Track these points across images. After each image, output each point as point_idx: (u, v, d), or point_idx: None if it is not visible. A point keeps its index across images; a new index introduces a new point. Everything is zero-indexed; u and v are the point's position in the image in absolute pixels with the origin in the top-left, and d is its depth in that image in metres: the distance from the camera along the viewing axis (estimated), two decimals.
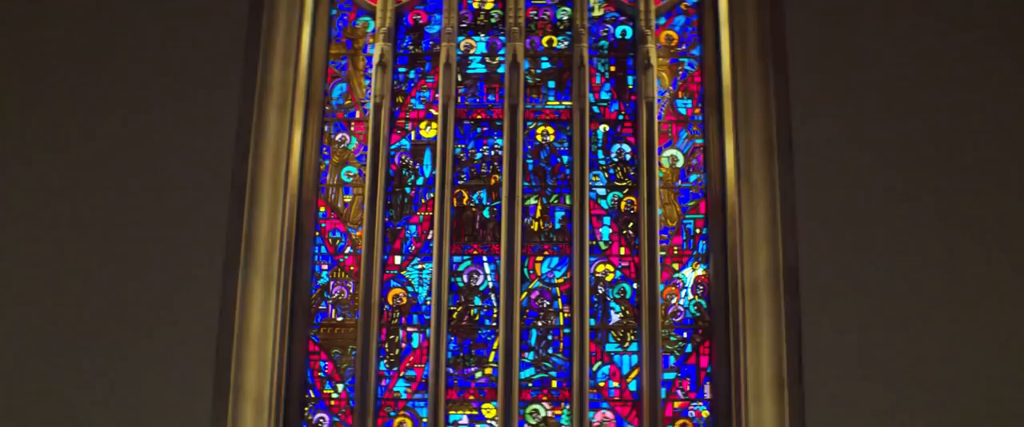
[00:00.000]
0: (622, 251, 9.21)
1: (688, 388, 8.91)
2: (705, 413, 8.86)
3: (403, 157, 9.45)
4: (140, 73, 8.75)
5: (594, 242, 9.19)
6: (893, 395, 8.04)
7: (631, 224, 9.25)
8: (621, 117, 9.54)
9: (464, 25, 9.78)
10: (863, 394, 8.05)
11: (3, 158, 8.58)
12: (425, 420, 8.74)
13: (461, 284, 9.13)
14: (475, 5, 9.85)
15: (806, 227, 8.34)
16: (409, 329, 9.07)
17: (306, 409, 8.90)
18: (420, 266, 9.18)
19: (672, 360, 8.96)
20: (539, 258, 9.19)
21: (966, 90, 8.67)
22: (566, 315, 9.06)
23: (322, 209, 9.32)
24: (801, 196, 8.45)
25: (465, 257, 9.20)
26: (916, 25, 8.83)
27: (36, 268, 8.28)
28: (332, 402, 8.91)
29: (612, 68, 9.70)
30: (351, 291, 9.12)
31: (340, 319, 9.08)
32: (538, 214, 9.28)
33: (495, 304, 9.07)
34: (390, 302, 9.11)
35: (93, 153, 8.55)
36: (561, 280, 9.14)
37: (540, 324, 9.05)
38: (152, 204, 8.42)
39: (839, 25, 8.86)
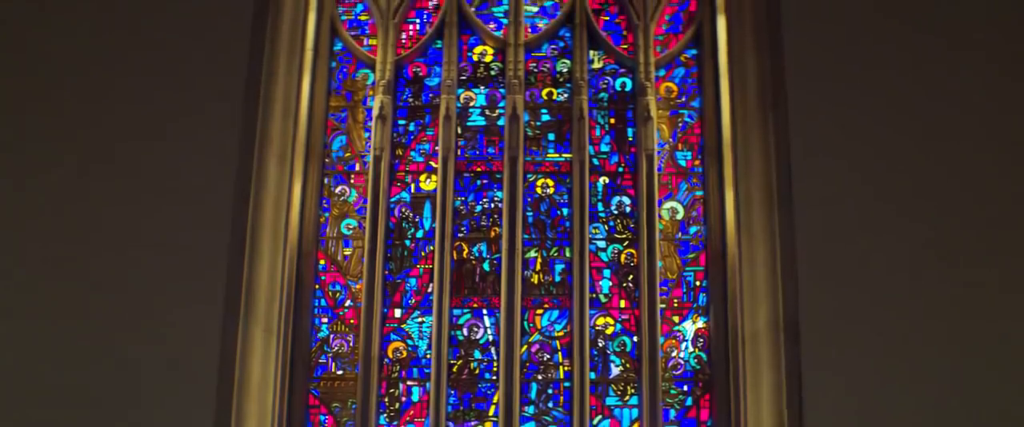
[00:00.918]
0: (622, 304, 9.29)
1: None
2: None
3: (403, 210, 9.55)
4: (140, 123, 8.80)
5: (594, 295, 9.27)
6: None
7: (631, 276, 9.34)
8: (621, 169, 9.65)
9: (464, 77, 9.90)
10: None
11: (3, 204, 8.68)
12: None
13: (461, 337, 9.21)
14: (475, 58, 9.98)
15: (807, 279, 8.38)
16: (409, 383, 9.14)
17: None
18: (420, 319, 9.26)
19: (672, 413, 9.03)
20: (539, 311, 9.27)
21: (969, 140, 8.72)
22: (566, 368, 9.12)
23: (322, 262, 9.41)
24: (801, 248, 8.48)
25: (465, 310, 9.28)
26: (916, 76, 8.89)
27: (36, 319, 8.32)
28: None
29: (612, 120, 9.81)
30: (351, 344, 9.20)
31: (340, 372, 9.15)
32: (538, 267, 9.37)
33: (495, 357, 9.14)
34: (390, 355, 9.19)
35: (93, 202, 8.59)
36: (561, 333, 9.22)
37: (540, 377, 9.12)
38: (152, 255, 8.46)
39: (839, 77, 8.91)
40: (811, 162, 8.68)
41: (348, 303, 9.31)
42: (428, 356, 9.13)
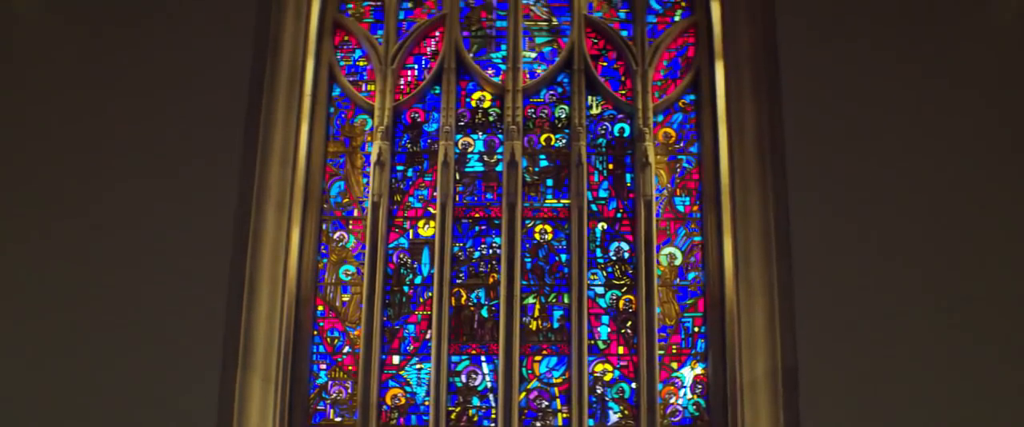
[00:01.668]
0: (620, 350, 9.36)
1: None
2: None
3: (401, 256, 9.62)
4: (139, 170, 8.88)
5: (593, 341, 9.34)
6: None
7: (630, 323, 9.41)
8: (619, 215, 9.73)
9: (462, 123, 9.99)
10: None
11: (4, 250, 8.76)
12: None
13: (459, 384, 9.28)
14: (473, 103, 10.07)
15: (805, 327, 8.46)
16: None
17: None
18: (418, 366, 9.33)
19: None
20: (537, 357, 9.34)
21: (970, 187, 8.80)
22: (565, 415, 9.19)
23: (320, 308, 9.48)
24: (800, 296, 8.56)
25: (463, 356, 9.35)
26: (916, 124, 8.99)
27: (36, 371, 8.40)
28: None
29: (610, 166, 9.90)
30: (349, 391, 9.26)
31: (338, 419, 9.21)
32: (536, 313, 9.45)
33: (494, 404, 9.21)
34: (388, 402, 9.25)
35: (91, 249, 8.67)
36: (560, 380, 9.29)
37: (539, 424, 9.19)
38: (151, 302, 8.53)
39: (837, 123, 9.00)
40: (809, 211, 8.76)
41: (346, 349, 9.38)
42: (426, 403, 9.18)
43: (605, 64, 10.18)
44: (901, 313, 8.49)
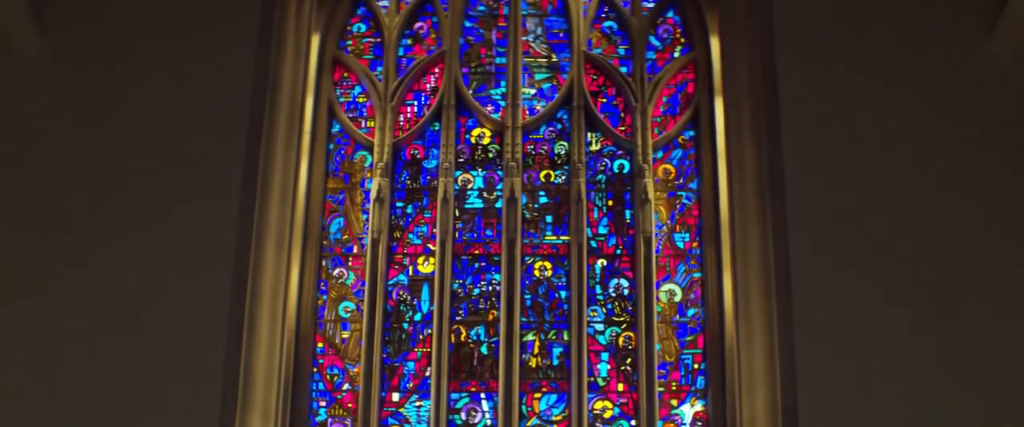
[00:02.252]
0: (620, 387, 9.41)
1: None
2: None
3: (401, 292, 9.69)
4: (139, 207, 8.91)
5: (592, 378, 9.39)
6: None
7: (629, 360, 9.47)
8: (619, 251, 9.80)
9: (461, 160, 10.07)
10: None
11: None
12: None
13: (459, 422, 9.32)
14: (472, 140, 10.16)
15: (804, 366, 8.46)
16: None
17: None
18: (418, 403, 9.37)
19: None
20: (537, 395, 9.39)
21: (970, 226, 8.83)
22: None
23: (320, 345, 9.55)
24: (800, 333, 8.57)
25: (463, 394, 9.40)
26: (916, 161, 9.02)
27: (36, 409, 8.41)
28: None
29: (610, 202, 9.97)
30: None
31: None
32: (536, 350, 9.50)
33: None
34: None
35: (91, 285, 8.69)
36: (559, 417, 9.33)
37: None
38: (151, 339, 8.55)
39: (837, 160, 9.03)
40: (809, 247, 8.77)
41: (346, 387, 9.43)
42: None
43: (604, 100, 10.27)
44: (901, 350, 8.51)
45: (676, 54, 10.39)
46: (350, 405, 9.35)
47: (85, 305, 8.66)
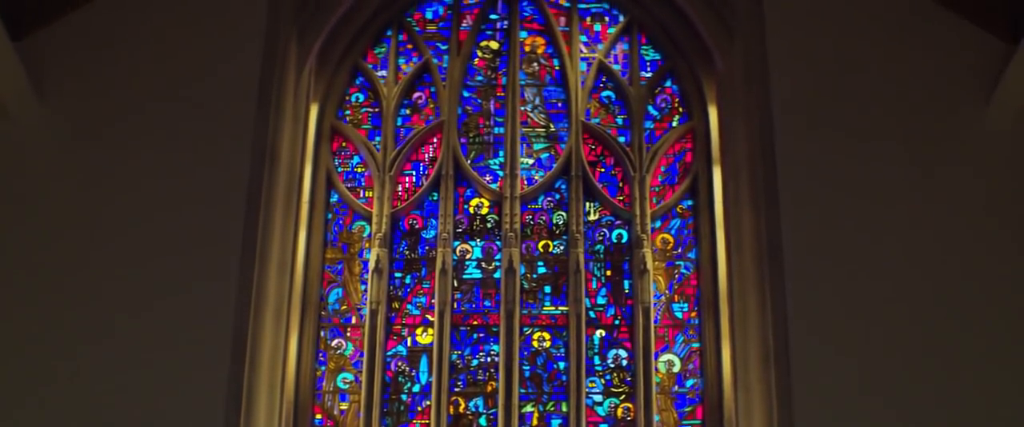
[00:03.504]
0: None
1: None
2: None
3: (399, 363, 9.80)
4: (139, 282, 9.01)
5: None
6: None
7: None
8: (617, 322, 9.92)
9: (460, 230, 10.20)
10: None
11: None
12: None
13: None
14: (471, 210, 10.29)
15: None
16: None
17: None
18: None
19: None
20: None
21: (971, 292, 8.94)
22: None
23: (318, 416, 9.65)
24: (798, 403, 8.65)
25: None
26: (915, 228, 9.14)
27: None
28: None
29: (608, 272, 10.09)
30: None
31: None
32: (535, 422, 9.61)
33: None
34: None
35: (93, 356, 8.79)
36: None
37: None
38: (151, 411, 8.66)
39: (835, 228, 9.13)
40: (808, 316, 8.88)
41: None
42: None
43: (603, 170, 10.42)
44: (902, 421, 8.61)
45: (674, 123, 10.55)
46: None
47: (85, 375, 8.76)
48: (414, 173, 10.43)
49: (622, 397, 9.68)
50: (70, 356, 8.82)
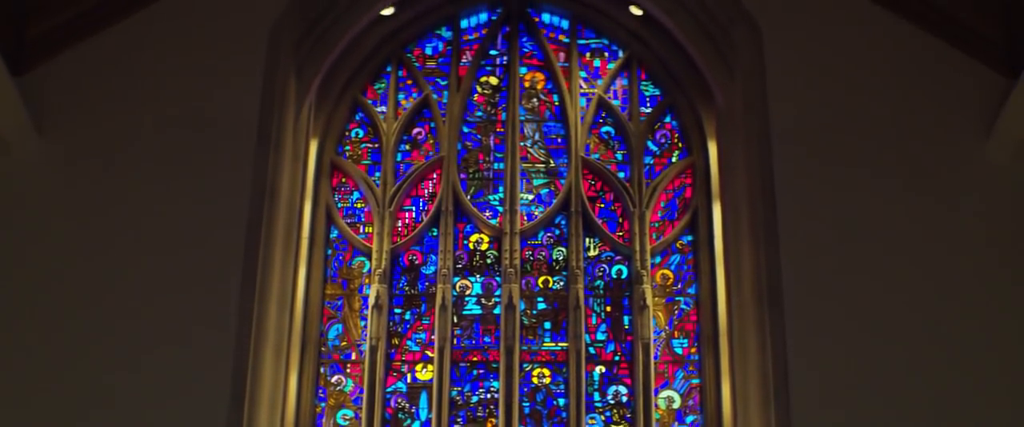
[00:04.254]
0: None
1: None
2: None
3: (399, 400, 9.85)
4: (137, 313, 9.06)
5: None
6: None
7: None
8: (617, 358, 9.97)
9: (460, 266, 10.26)
10: None
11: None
12: None
13: None
14: (470, 246, 10.35)
15: None
16: None
17: None
18: None
19: None
20: None
21: (972, 328, 8.98)
22: None
23: None
24: None
25: None
26: (915, 264, 9.18)
27: None
28: None
29: (608, 308, 10.15)
30: None
31: None
32: None
33: None
34: None
35: (91, 392, 8.83)
36: None
37: None
38: None
39: (835, 264, 9.18)
40: (808, 353, 8.92)
41: None
42: None
43: (602, 205, 10.49)
44: None
45: (674, 159, 10.62)
46: None
47: (85, 412, 8.82)
48: (414, 209, 10.49)
49: None
50: (69, 393, 8.84)
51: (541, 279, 10.25)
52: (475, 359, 9.98)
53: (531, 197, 10.51)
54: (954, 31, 9.79)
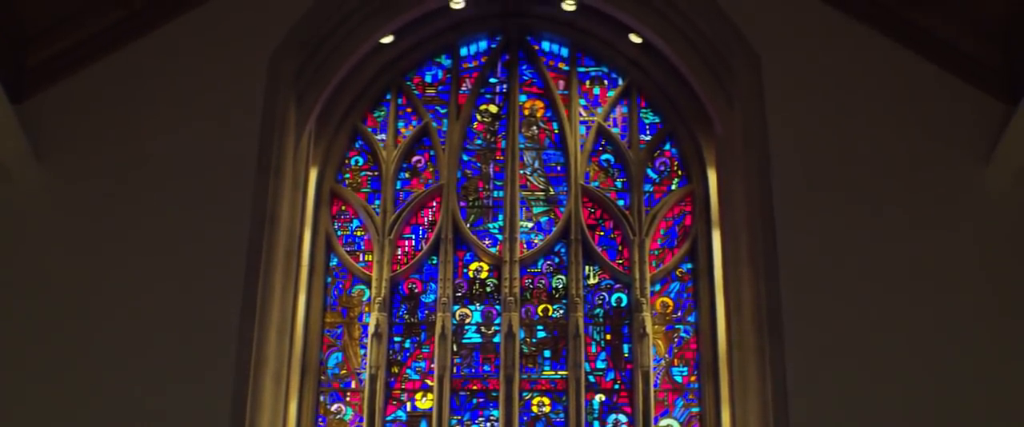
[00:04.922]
0: None
1: None
2: None
3: None
4: (137, 339, 9.09)
5: None
6: None
7: None
8: (617, 386, 10.00)
9: (459, 294, 10.30)
10: None
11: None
12: None
13: None
14: (470, 274, 10.39)
15: None
16: None
17: None
18: None
19: None
20: None
21: (973, 356, 8.99)
22: None
23: None
24: None
25: None
26: (914, 291, 9.20)
27: None
28: None
29: (608, 336, 10.18)
30: None
31: None
32: None
33: None
34: None
35: (90, 417, 8.86)
36: None
37: None
38: None
39: (835, 292, 9.20)
40: (808, 381, 8.93)
41: None
42: None
43: (602, 233, 10.53)
44: None
45: (673, 187, 10.68)
46: None
47: None
48: (413, 237, 10.54)
49: None
50: (71, 421, 8.87)
51: (541, 307, 10.29)
52: (475, 388, 10.01)
53: (531, 225, 10.56)
54: (953, 58, 9.86)
